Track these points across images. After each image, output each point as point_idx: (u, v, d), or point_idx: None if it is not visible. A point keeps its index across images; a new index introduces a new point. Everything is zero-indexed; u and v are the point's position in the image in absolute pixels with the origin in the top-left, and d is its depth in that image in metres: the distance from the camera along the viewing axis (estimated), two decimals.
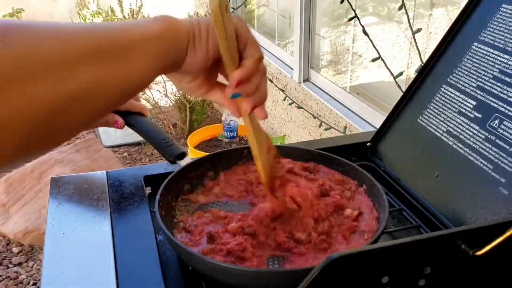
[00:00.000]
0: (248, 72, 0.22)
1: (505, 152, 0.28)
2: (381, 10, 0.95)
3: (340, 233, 0.27)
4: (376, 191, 0.30)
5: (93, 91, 0.17)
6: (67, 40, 0.16)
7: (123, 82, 0.18)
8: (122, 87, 0.18)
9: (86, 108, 0.17)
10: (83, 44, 0.17)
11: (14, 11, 2.84)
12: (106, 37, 0.18)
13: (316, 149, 0.35)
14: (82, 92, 0.17)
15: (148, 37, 0.19)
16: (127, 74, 0.18)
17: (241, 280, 0.24)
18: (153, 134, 0.36)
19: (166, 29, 0.20)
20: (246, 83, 0.22)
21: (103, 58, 0.17)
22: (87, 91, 0.17)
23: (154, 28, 0.20)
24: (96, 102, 0.17)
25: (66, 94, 0.16)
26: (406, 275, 0.22)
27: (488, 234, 0.22)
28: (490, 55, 0.32)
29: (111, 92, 0.18)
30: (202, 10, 1.98)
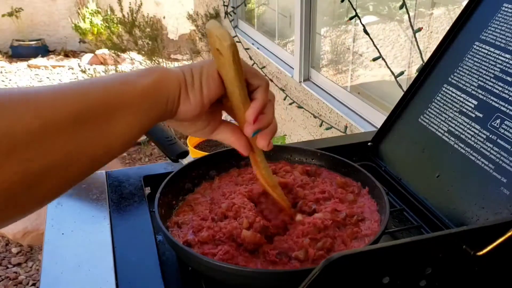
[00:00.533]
0: (263, 104, 0.22)
1: (506, 152, 0.28)
2: (382, 9, 0.94)
3: (340, 239, 0.27)
4: (378, 192, 0.30)
5: (70, 160, 0.16)
6: (43, 110, 0.16)
7: (105, 146, 0.18)
8: (104, 150, 0.18)
9: (62, 177, 0.16)
10: (61, 113, 0.16)
11: (13, 10, 2.84)
12: (87, 101, 0.17)
13: (317, 149, 0.35)
14: (59, 163, 0.16)
15: (136, 94, 0.18)
16: (109, 138, 0.18)
17: (241, 280, 0.24)
18: (156, 132, 0.36)
19: (154, 83, 0.19)
20: (262, 116, 0.22)
21: (83, 125, 0.16)
22: (64, 162, 0.16)
23: (141, 84, 0.19)
24: (74, 170, 0.17)
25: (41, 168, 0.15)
26: (407, 276, 0.22)
27: (489, 234, 0.22)
28: (491, 54, 0.32)
29: (90, 159, 0.17)
30: (202, 9, 1.97)
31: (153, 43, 1.86)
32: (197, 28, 1.88)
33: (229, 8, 1.66)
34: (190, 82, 0.21)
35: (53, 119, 0.16)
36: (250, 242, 0.25)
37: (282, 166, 0.34)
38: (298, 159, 0.35)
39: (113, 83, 0.18)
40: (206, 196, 0.31)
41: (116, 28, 2.03)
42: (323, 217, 0.27)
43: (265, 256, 0.25)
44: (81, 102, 0.17)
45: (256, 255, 0.26)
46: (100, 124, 0.17)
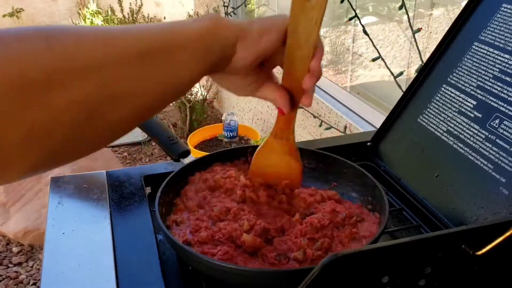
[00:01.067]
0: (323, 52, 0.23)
1: (505, 151, 0.28)
2: (381, 9, 0.95)
3: (338, 239, 0.27)
4: (378, 192, 0.30)
5: (135, 92, 0.17)
6: (110, 42, 0.16)
7: (166, 84, 0.18)
8: (166, 88, 0.18)
9: (127, 108, 0.17)
10: (126, 46, 0.17)
11: (14, 10, 2.84)
12: (148, 38, 0.17)
13: (316, 149, 0.35)
14: (124, 93, 0.16)
15: (191, 36, 0.19)
16: (170, 75, 0.18)
17: (240, 279, 0.24)
18: (158, 131, 0.36)
19: (210, 26, 0.19)
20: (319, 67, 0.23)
21: (146, 59, 0.17)
22: (129, 93, 0.17)
23: (197, 26, 0.19)
24: (139, 103, 0.17)
25: (108, 94, 0.16)
26: (406, 275, 0.22)
27: (489, 234, 0.22)
28: (491, 54, 0.32)
29: (153, 94, 0.18)
30: (202, 9, 1.98)
31: None
32: None
33: (229, 8, 1.66)
34: (249, 31, 0.21)
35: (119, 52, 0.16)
36: (250, 246, 0.25)
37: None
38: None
39: (171, 26, 0.19)
40: (196, 191, 0.31)
41: None
42: (320, 217, 0.27)
43: (263, 258, 0.25)
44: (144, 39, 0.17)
45: (255, 257, 0.26)
46: (161, 63, 0.18)
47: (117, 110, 0.17)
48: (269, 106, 1.41)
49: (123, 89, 0.16)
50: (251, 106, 1.57)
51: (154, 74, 0.17)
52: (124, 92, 0.16)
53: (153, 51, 0.17)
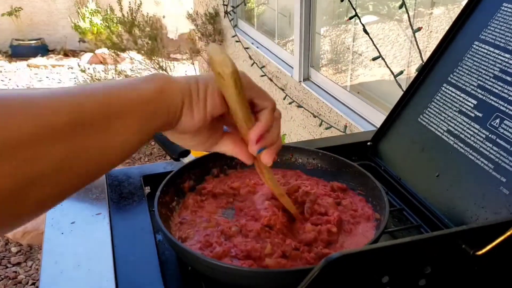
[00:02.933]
0: (266, 127, 0.22)
1: (505, 151, 0.28)
2: (382, 8, 0.94)
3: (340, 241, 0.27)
4: (378, 192, 0.30)
5: (64, 168, 0.15)
6: (40, 115, 0.15)
7: (102, 155, 0.17)
8: (101, 159, 0.17)
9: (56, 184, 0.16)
10: (58, 118, 0.15)
11: (13, 9, 2.83)
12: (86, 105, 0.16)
13: (317, 149, 0.35)
14: (52, 170, 0.15)
15: (137, 100, 0.17)
16: (107, 146, 0.17)
17: (239, 279, 0.24)
18: None
19: (158, 91, 0.18)
20: (266, 134, 0.22)
21: (79, 131, 0.16)
22: (58, 169, 0.15)
23: (144, 90, 0.18)
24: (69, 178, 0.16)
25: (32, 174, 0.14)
26: (407, 275, 0.22)
27: (489, 234, 0.22)
28: (491, 54, 0.32)
29: (86, 168, 0.16)
30: (201, 8, 1.97)
31: (152, 42, 1.86)
32: (196, 28, 1.88)
33: (228, 7, 1.66)
34: (195, 95, 0.20)
35: (48, 125, 0.15)
36: (274, 267, 0.25)
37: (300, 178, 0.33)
38: (298, 158, 0.35)
39: (113, 88, 0.17)
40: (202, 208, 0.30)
41: (115, 28, 2.03)
42: (330, 228, 0.27)
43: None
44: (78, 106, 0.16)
45: None
46: (98, 131, 0.16)
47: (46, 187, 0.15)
48: None
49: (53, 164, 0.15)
50: None
51: (88, 145, 0.16)
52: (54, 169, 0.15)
53: (87, 121, 0.16)
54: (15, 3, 2.81)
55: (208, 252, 0.26)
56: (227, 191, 0.32)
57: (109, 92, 0.17)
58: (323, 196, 0.31)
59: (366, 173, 0.31)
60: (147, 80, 0.19)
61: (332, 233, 0.27)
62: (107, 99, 0.17)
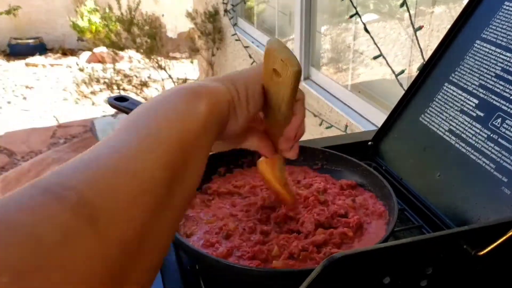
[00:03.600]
0: (303, 119, 0.23)
1: (507, 151, 0.28)
2: (383, 7, 0.94)
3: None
4: (387, 193, 0.29)
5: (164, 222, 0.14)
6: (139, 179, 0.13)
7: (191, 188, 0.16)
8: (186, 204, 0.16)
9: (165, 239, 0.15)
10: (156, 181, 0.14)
11: (11, 8, 2.81)
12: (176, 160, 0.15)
13: (323, 148, 0.35)
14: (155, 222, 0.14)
15: (199, 132, 0.16)
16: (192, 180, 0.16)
17: (239, 278, 0.24)
18: None
19: (209, 112, 0.17)
20: (300, 130, 0.23)
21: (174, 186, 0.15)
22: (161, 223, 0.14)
23: (199, 114, 0.17)
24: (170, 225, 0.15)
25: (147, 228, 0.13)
26: (408, 276, 0.22)
27: (491, 234, 0.22)
28: (493, 53, 0.32)
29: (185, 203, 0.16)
30: (201, 7, 1.96)
31: (151, 41, 1.85)
32: (196, 26, 1.87)
33: (228, 5, 1.65)
34: (237, 99, 0.20)
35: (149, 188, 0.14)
36: (282, 268, 0.25)
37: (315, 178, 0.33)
38: (304, 157, 0.35)
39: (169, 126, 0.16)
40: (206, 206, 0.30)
41: (114, 26, 2.02)
42: (346, 231, 0.27)
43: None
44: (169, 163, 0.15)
45: None
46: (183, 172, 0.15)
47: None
48: None
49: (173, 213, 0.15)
50: None
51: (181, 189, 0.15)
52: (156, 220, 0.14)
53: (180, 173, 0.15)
54: (13, 1, 2.79)
55: (212, 251, 0.25)
56: (231, 190, 0.32)
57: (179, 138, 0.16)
58: (338, 195, 0.31)
59: (374, 173, 0.31)
60: (192, 101, 0.17)
61: (347, 237, 0.27)
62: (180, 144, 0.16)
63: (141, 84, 1.87)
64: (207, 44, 1.85)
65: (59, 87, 2.47)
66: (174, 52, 2.44)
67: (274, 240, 0.26)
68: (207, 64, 1.92)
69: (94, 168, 0.13)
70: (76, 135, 1.84)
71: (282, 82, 0.20)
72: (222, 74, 0.23)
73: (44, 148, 1.74)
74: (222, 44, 1.82)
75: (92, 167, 0.13)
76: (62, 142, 1.79)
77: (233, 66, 1.72)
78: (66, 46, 3.06)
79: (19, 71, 2.74)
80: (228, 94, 0.19)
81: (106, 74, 1.86)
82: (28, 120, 2.07)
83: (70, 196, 0.12)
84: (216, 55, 1.89)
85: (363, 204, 0.30)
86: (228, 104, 0.19)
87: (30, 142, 1.80)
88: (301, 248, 0.25)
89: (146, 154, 0.14)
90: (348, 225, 0.28)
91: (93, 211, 0.12)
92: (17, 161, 1.64)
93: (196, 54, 2.00)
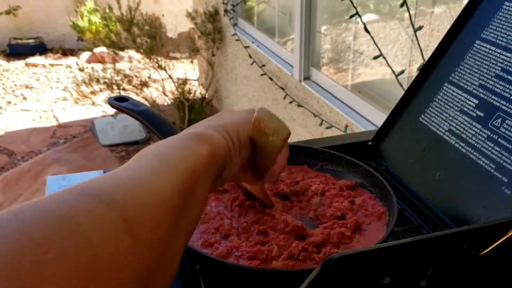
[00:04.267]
0: (286, 160, 0.25)
1: (507, 151, 0.28)
2: (383, 7, 0.94)
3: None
4: (387, 193, 0.30)
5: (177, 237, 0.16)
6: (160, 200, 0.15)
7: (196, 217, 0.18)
8: (194, 226, 0.18)
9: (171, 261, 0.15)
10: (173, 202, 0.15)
11: (11, 8, 2.82)
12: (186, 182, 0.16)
13: (323, 148, 0.35)
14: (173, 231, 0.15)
15: (205, 160, 0.18)
16: (198, 208, 0.17)
17: (239, 278, 0.24)
18: (163, 128, 0.35)
19: (213, 150, 0.19)
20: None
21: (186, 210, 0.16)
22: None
23: (204, 150, 0.18)
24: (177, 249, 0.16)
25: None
26: (408, 276, 0.22)
27: (491, 234, 0.22)
28: (493, 53, 0.32)
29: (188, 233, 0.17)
30: (201, 7, 1.96)
31: (151, 41, 1.85)
32: (196, 26, 1.87)
33: (228, 6, 1.65)
34: (233, 149, 0.21)
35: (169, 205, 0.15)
36: (282, 268, 0.25)
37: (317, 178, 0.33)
38: (304, 158, 0.35)
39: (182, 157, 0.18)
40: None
41: (114, 26, 2.02)
42: (343, 231, 0.27)
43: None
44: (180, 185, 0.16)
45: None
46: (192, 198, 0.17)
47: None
48: (268, 105, 1.40)
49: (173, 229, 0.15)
50: (251, 105, 1.57)
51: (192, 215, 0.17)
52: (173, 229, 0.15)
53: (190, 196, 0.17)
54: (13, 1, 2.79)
55: (212, 251, 0.25)
56: (226, 189, 0.32)
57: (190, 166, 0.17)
58: (336, 197, 0.31)
59: (374, 173, 0.31)
60: (198, 143, 0.19)
61: (344, 236, 0.27)
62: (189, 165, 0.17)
63: (141, 84, 1.87)
64: (207, 44, 1.85)
65: (59, 87, 2.47)
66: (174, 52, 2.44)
67: (274, 240, 0.26)
68: (207, 64, 1.93)
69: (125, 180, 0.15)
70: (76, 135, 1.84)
71: (272, 141, 0.22)
72: (222, 74, 0.23)
73: (44, 148, 1.74)
74: (222, 44, 1.83)
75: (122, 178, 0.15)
76: (62, 142, 1.79)
77: (233, 66, 1.72)
78: (66, 46, 3.06)
79: (19, 71, 2.74)
80: (224, 142, 0.21)
81: (106, 74, 1.86)
82: (28, 120, 2.07)
83: (103, 195, 0.13)
84: (216, 55, 1.89)
85: (363, 205, 0.30)
86: (225, 153, 0.21)
87: (30, 142, 1.80)
88: (301, 248, 0.25)
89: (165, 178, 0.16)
90: (346, 226, 0.28)
91: (125, 211, 0.13)
92: (17, 161, 1.64)
93: (196, 54, 2.01)
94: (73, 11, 2.64)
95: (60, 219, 0.12)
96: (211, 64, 1.91)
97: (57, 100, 2.31)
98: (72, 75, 2.46)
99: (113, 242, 0.12)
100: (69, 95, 2.25)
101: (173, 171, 0.16)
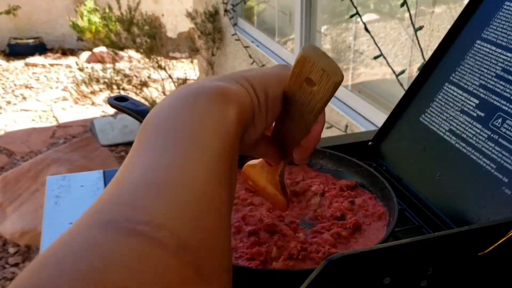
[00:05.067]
0: (323, 127, 0.20)
1: (508, 151, 0.28)
2: (383, 7, 0.94)
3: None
4: (387, 193, 0.29)
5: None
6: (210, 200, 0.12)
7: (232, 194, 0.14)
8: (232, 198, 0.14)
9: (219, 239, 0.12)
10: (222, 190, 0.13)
11: (10, 8, 2.81)
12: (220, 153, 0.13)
13: (323, 148, 0.35)
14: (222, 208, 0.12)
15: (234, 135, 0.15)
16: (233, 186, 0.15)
17: (239, 277, 0.24)
18: None
19: (240, 114, 0.16)
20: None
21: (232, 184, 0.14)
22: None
23: (232, 119, 0.15)
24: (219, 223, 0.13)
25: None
26: (408, 276, 0.22)
27: (491, 234, 0.22)
28: (493, 53, 0.32)
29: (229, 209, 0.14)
30: (201, 6, 1.96)
31: (151, 41, 1.85)
32: (196, 26, 1.87)
33: (228, 5, 1.65)
34: (257, 105, 0.18)
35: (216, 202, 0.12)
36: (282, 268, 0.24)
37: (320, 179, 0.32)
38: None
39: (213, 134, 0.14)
40: None
41: (114, 26, 2.02)
42: (339, 231, 0.27)
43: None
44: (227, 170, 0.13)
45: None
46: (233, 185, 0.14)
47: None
48: None
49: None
50: None
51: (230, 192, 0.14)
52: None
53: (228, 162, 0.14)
54: (13, 1, 2.79)
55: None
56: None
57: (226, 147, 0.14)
58: (336, 197, 0.30)
59: (374, 173, 0.31)
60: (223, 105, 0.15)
61: (341, 236, 0.27)
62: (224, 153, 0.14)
63: (141, 84, 1.87)
64: (207, 44, 1.85)
65: (58, 87, 2.47)
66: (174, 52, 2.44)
67: (268, 241, 0.26)
68: (207, 64, 1.92)
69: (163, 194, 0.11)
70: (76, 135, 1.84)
71: (317, 92, 0.17)
72: (222, 74, 0.21)
73: (44, 148, 1.74)
74: (222, 44, 1.82)
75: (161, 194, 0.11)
76: (61, 142, 1.79)
77: (233, 66, 1.72)
78: (66, 46, 3.06)
79: (19, 71, 2.74)
80: (250, 100, 0.17)
81: (106, 74, 1.85)
82: (28, 120, 2.07)
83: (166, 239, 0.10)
84: (216, 55, 1.89)
85: (363, 206, 0.30)
86: (252, 111, 0.17)
87: (30, 142, 1.80)
88: (300, 248, 0.25)
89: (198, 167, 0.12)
90: (345, 226, 0.28)
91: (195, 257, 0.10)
92: (16, 161, 1.64)
93: (196, 54, 2.00)
94: (73, 11, 2.64)
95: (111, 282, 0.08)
96: (211, 64, 1.91)
97: (57, 100, 2.31)
98: (72, 75, 2.46)
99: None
100: (69, 95, 2.25)
101: (212, 165, 0.13)
